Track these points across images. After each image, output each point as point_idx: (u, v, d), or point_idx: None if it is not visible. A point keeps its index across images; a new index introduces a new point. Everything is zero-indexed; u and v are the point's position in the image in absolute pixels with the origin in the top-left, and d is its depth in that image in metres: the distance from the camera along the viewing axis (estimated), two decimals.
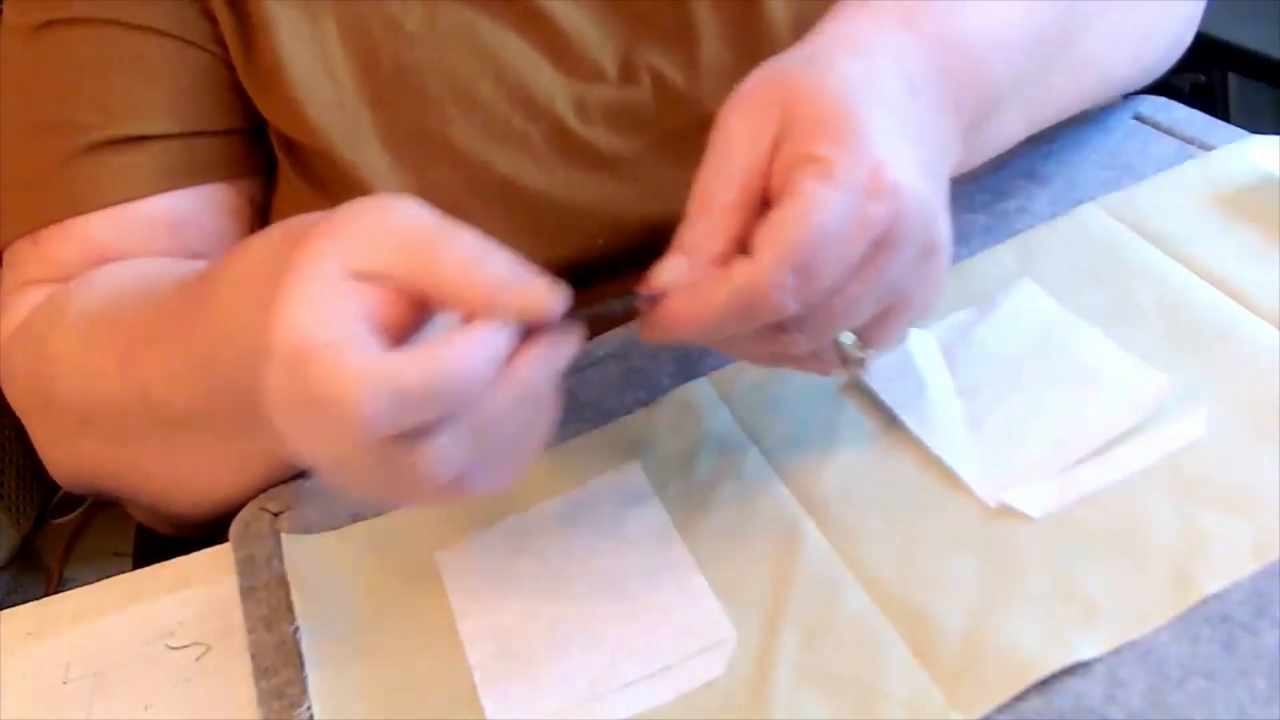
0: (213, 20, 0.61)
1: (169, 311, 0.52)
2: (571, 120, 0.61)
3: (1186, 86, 1.01)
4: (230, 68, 0.62)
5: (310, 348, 0.39)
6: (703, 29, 0.61)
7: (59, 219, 0.61)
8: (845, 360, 0.48)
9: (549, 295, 0.40)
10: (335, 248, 0.41)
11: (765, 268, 0.42)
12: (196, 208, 0.63)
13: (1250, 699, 0.40)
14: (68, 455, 0.62)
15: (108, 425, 0.58)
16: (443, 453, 0.40)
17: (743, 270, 0.42)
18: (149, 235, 0.62)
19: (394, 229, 0.41)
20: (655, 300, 0.43)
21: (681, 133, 0.61)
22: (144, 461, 0.59)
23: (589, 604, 0.48)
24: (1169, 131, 0.64)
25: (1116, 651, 0.42)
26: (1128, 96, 0.66)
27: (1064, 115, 0.61)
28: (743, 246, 0.43)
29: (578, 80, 0.61)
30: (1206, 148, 0.62)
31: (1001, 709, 0.41)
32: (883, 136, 0.43)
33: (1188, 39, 0.66)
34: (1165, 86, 0.67)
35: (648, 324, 0.44)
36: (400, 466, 0.40)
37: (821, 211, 0.41)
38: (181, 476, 0.60)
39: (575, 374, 0.59)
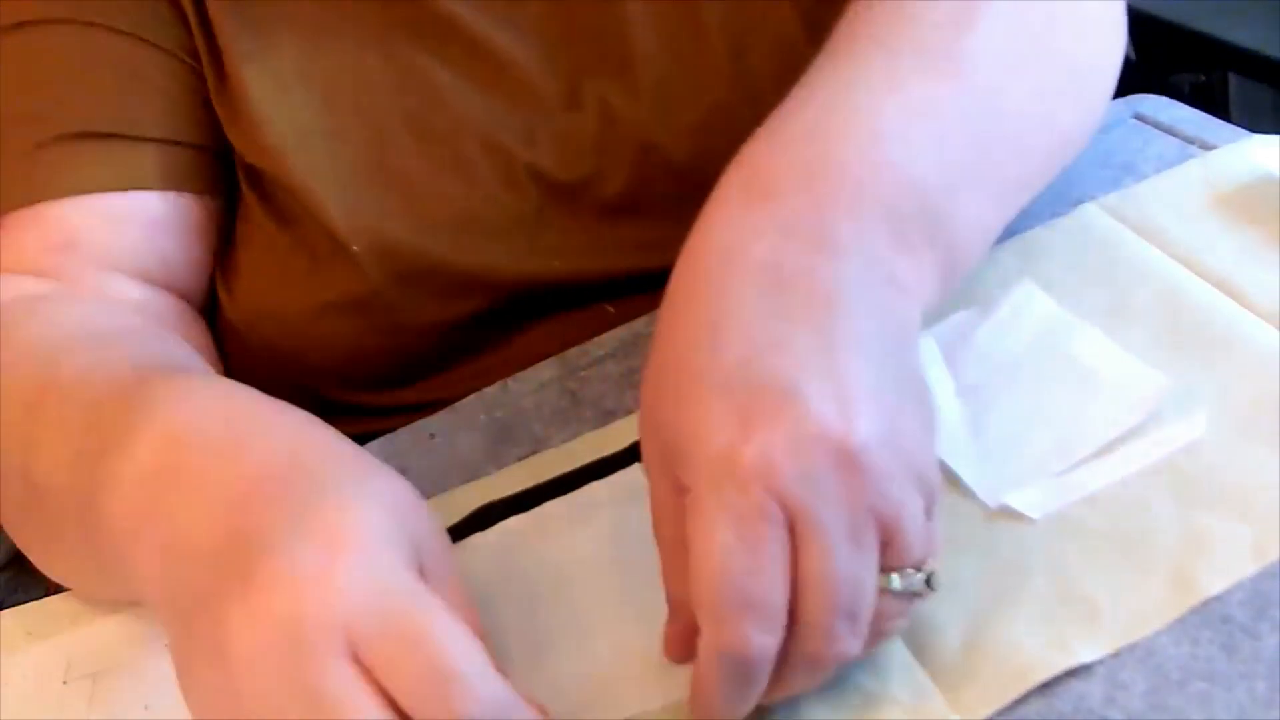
0: (191, 35, 0.62)
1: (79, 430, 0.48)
2: (520, 151, 0.62)
3: (1186, 86, 1.01)
4: (206, 83, 0.63)
5: (407, 585, 0.39)
6: (643, 47, 0.62)
7: (32, 202, 0.60)
8: (911, 597, 0.41)
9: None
10: (398, 532, 0.40)
11: (708, 639, 0.38)
12: (171, 214, 0.63)
13: (1250, 701, 0.40)
14: None
15: None
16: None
17: (702, 649, 0.39)
18: (121, 229, 0.62)
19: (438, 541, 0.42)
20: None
21: (627, 158, 0.62)
22: (22, 535, 0.55)
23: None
24: (1169, 131, 0.64)
25: (1117, 653, 0.42)
26: (1128, 97, 0.66)
27: (1037, 184, 0.54)
28: None
29: (526, 114, 0.63)
30: (1206, 147, 0.62)
31: (1002, 711, 0.41)
32: (724, 416, 0.38)
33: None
34: (1165, 86, 0.66)
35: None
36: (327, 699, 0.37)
37: (706, 544, 0.38)
38: (53, 563, 0.55)
39: (575, 374, 0.59)
